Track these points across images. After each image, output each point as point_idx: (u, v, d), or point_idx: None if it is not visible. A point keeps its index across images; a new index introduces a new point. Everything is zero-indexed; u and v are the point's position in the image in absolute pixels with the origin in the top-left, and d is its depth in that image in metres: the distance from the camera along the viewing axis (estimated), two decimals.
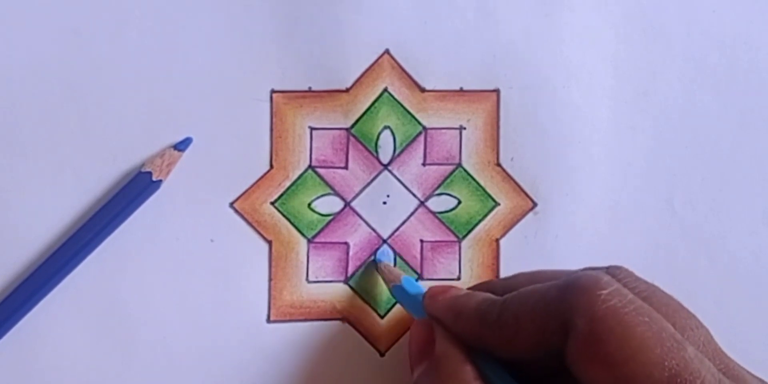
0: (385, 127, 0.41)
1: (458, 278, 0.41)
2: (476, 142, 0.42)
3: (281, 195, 0.40)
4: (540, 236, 0.42)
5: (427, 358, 0.35)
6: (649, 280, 0.34)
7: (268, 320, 0.40)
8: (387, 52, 0.41)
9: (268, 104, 0.40)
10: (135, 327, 0.39)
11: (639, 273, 0.35)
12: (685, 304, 0.33)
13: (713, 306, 0.43)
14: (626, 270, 0.34)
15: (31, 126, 0.39)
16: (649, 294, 0.32)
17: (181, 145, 0.39)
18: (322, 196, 0.41)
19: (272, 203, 0.40)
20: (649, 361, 0.29)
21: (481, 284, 0.40)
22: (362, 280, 0.41)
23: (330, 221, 0.41)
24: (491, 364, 0.34)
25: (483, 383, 0.33)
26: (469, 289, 0.38)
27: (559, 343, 0.31)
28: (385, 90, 0.41)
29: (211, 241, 0.40)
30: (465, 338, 0.35)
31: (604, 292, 0.31)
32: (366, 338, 0.41)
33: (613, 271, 0.33)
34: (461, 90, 0.41)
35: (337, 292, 0.41)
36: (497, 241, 0.42)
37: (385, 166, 0.41)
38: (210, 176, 0.40)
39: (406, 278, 0.39)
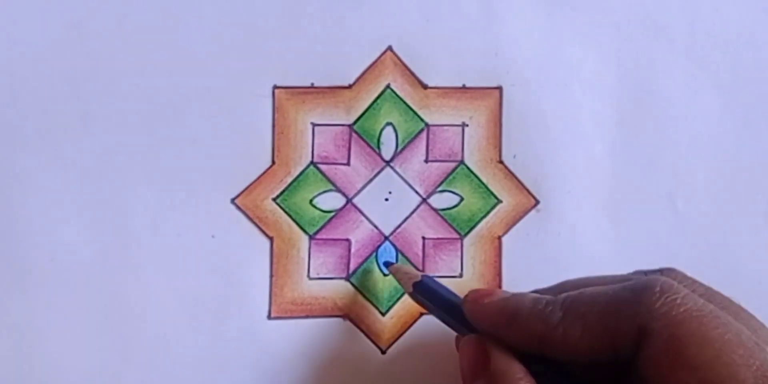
0: (388, 124, 0.41)
1: (460, 276, 0.41)
2: (479, 139, 0.41)
3: (283, 191, 0.40)
4: (542, 234, 0.42)
5: (482, 375, 0.34)
6: None
7: (269, 317, 0.40)
8: (390, 48, 0.41)
9: (270, 100, 0.40)
10: (136, 323, 0.39)
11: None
12: None
13: None
14: (681, 272, 0.34)
15: (32, 122, 0.38)
16: (708, 297, 0.32)
17: None
18: (324, 192, 0.41)
19: (274, 199, 0.40)
20: (733, 362, 0.29)
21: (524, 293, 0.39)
22: (364, 277, 0.41)
23: (332, 218, 0.41)
24: (549, 375, 0.33)
25: None
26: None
27: (629, 346, 0.31)
28: (388, 86, 0.41)
29: (213, 237, 0.40)
30: (521, 342, 0.33)
31: (679, 296, 0.31)
32: (367, 335, 0.41)
33: (668, 274, 0.33)
34: (464, 87, 0.41)
35: (338, 289, 0.41)
36: (499, 238, 0.42)
37: (388, 163, 0.41)
38: (211, 172, 0.40)
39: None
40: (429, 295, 0.38)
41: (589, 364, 0.32)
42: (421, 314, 0.41)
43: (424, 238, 0.41)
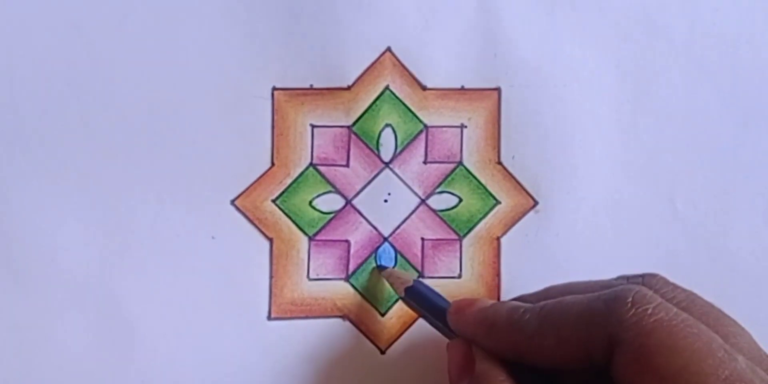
0: (387, 125, 0.41)
1: (459, 276, 0.41)
2: (477, 141, 0.41)
3: (282, 192, 0.40)
4: (541, 234, 0.42)
5: (467, 377, 0.35)
6: None
7: (269, 318, 0.40)
8: (388, 50, 0.41)
9: (269, 102, 0.40)
10: (135, 324, 0.39)
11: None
12: None
13: None
14: (662, 278, 0.34)
15: (32, 123, 0.39)
16: (688, 303, 0.33)
17: None
18: (324, 193, 0.41)
19: (273, 201, 0.40)
20: (702, 371, 0.29)
21: (513, 299, 0.39)
22: (363, 277, 0.41)
23: (331, 219, 0.41)
24: (532, 378, 0.34)
25: None
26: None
27: (602, 356, 0.31)
28: (387, 88, 0.41)
29: (212, 238, 0.40)
30: (500, 350, 0.34)
31: (651, 306, 0.31)
32: (366, 336, 0.41)
33: (649, 280, 0.34)
34: (462, 88, 0.41)
35: (337, 289, 0.41)
36: (498, 239, 0.42)
37: (387, 164, 0.41)
38: (211, 173, 0.40)
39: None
40: (420, 300, 0.39)
41: (568, 370, 0.33)
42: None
43: (423, 239, 0.41)
